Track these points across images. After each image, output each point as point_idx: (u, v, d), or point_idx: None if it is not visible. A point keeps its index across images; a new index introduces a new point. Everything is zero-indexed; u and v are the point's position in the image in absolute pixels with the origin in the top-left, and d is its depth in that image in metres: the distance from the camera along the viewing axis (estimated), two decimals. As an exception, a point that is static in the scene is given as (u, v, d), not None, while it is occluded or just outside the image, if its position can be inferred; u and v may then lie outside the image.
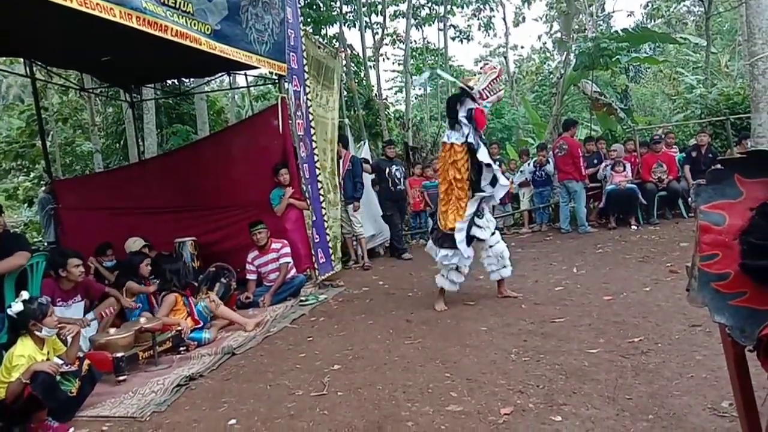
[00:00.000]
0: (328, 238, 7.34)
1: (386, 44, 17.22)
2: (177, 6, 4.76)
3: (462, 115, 5.20)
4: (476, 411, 3.07)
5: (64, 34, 5.80)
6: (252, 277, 6.37)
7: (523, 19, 20.55)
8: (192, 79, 9.90)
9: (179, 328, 4.80)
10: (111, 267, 6.29)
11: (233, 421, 3.27)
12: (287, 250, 6.36)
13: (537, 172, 10.01)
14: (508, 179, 6.21)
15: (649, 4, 21.47)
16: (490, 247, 5.41)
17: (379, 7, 15.28)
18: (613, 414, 2.88)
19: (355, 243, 8.47)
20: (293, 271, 6.43)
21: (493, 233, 5.41)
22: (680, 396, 2.99)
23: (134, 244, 6.15)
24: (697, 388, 3.07)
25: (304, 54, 7.26)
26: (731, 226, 1.79)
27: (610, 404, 2.99)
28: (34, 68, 7.36)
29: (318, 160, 7.32)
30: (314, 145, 7.26)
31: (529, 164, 10.33)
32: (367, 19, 15.13)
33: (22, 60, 7.31)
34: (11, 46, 6.51)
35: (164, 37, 4.55)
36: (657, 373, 3.32)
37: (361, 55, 14.57)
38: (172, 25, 4.62)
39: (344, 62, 11.78)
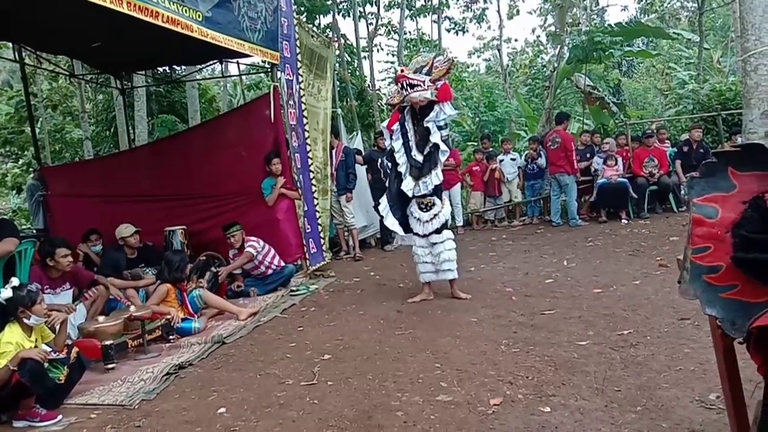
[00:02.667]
0: (319, 228, 7.32)
1: (380, 35, 17.14)
2: (167, -9, 4.70)
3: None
4: (466, 401, 3.08)
5: (55, 19, 5.73)
6: (237, 271, 6.33)
7: (517, 11, 20.50)
8: (183, 67, 9.82)
9: (169, 316, 4.78)
10: (98, 252, 6.27)
11: (222, 410, 3.27)
12: (254, 243, 6.20)
13: (529, 165, 10.02)
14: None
15: (643, -1, 21.47)
16: (433, 244, 5.32)
17: (374, -4, 15.17)
18: (602, 405, 2.89)
19: (346, 234, 8.47)
20: (277, 260, 6.37)
21: (437, 231, 5.29)
22: (668, 388, 3.02)
23: (125, 230, 6.10)
24: (685, 380, 3.10)
25: (297, 43, 7.21)
26: (724, 218, 1.79)
27: (599, 396, 3.01)
28: (24, 53, 7.26)
29: (310, 150, 7.28)
30: (306, 134, 7.23)
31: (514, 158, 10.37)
32: (361, 9, 15.01)
33: (10, 45, 7.21)
34: (0, 30, 6.41)
35: (155, 23, 4.50)
36: (645, 366, 3.35)
37: (354, 45, 14.49)
38: (163, 11, 4.56)
39: (337, 52, 11.71)
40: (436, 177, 5.20)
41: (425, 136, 5.19)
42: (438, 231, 5.30)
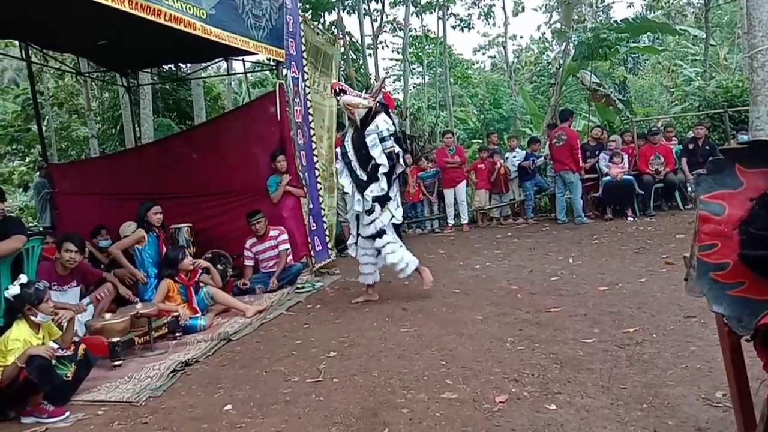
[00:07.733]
0: (325, 225, 7.32)
1: (385, 32, 17.14)
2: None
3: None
4: (471, 399, 3.08)
5: (60, 17, 5.75)
6: (249, 263, 6.37)
7: (523, 8, 20.51)
8: (189, 65, 9.82)
9: (176, 313, 4.80)
10: (106, 246, 6.30)
11: (229, 407, 3.28)
12: (285, 237, 6.37)
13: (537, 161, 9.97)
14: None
15: (649, -5, 21.35)
16: (377, 250, 5.36)
17: (379, -7, 15.17)
18: (608, 403, 2.89)
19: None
20: (289, 258, 6.43)
21: (377, 236, 5.30)
22: (674, 386, 3.01)
23: (129, 228, 6.13)
24: (691, 378, 3.08)
25: (303, 40, 7.21)
26: (731, 216, 1.78)
27: (605, 393, 3.00)
28: (30, 51, 7.29)
29: (315, 148, 7.29)
30: (312, 132, 7.23)
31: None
32: (366, 6, 15.02)
33: (17, 43, 7.25)
34: (7, 29, 6.44)
35: (158, 21, 4.50)
36: (651, 363, 3.33)
37: (359, 42, 14.49)
38: (166, 9, 4.56)
39: (343, 49, 11.71)
40: (377, 188, 5.19)
41: (366, 155, 5.18)
42: (378, 236, 5.28)
